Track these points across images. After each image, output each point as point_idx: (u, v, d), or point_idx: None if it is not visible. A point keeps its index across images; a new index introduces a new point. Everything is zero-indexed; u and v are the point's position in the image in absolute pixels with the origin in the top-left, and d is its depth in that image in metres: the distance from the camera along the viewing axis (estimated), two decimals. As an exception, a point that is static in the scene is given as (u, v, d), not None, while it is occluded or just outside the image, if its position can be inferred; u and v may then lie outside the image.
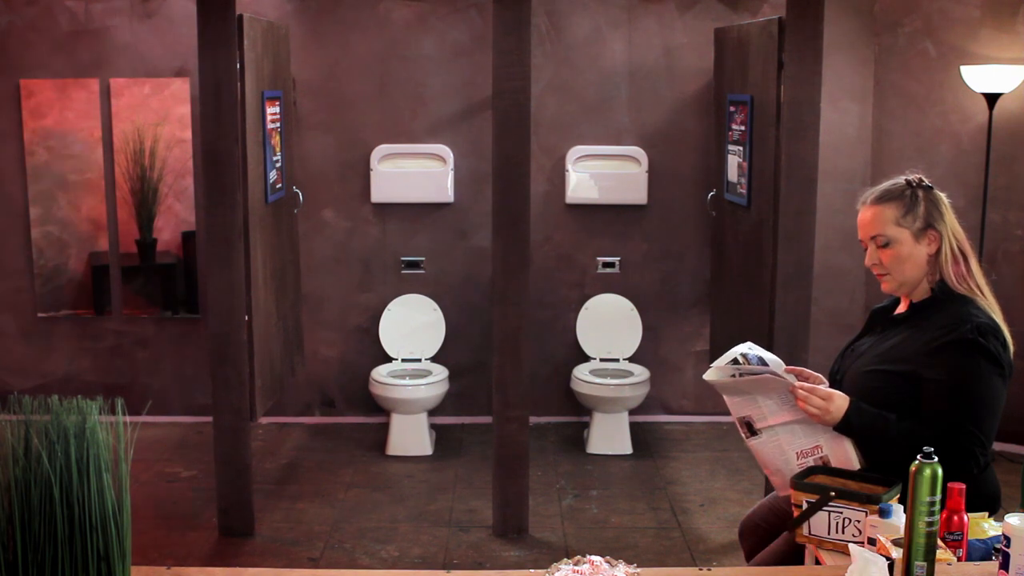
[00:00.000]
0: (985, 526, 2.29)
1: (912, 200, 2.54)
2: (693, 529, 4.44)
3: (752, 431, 2.55)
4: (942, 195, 2.58)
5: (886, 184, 2.60)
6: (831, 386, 2.71)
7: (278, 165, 4.92)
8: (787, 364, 2.59)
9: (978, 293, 2.53)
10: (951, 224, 2.55)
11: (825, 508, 2.28)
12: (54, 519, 1.68)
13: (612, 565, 1.95)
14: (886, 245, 2.55)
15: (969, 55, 5.15)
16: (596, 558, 1.97)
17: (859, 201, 2.63)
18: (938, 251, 2.54)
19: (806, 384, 2.51)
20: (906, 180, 2.57)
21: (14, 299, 5.67)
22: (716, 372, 2.53)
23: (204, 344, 5.36)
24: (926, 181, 2.58)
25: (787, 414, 2.52)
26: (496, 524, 4.38)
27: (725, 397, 2.56)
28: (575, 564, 1.96)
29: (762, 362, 2.50)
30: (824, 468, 2.47)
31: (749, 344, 2.56)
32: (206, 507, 4.58)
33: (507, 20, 4.07)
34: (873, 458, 2.50)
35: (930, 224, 2.53)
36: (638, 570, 1.95)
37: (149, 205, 5.51)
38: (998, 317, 2.51)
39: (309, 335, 5.68)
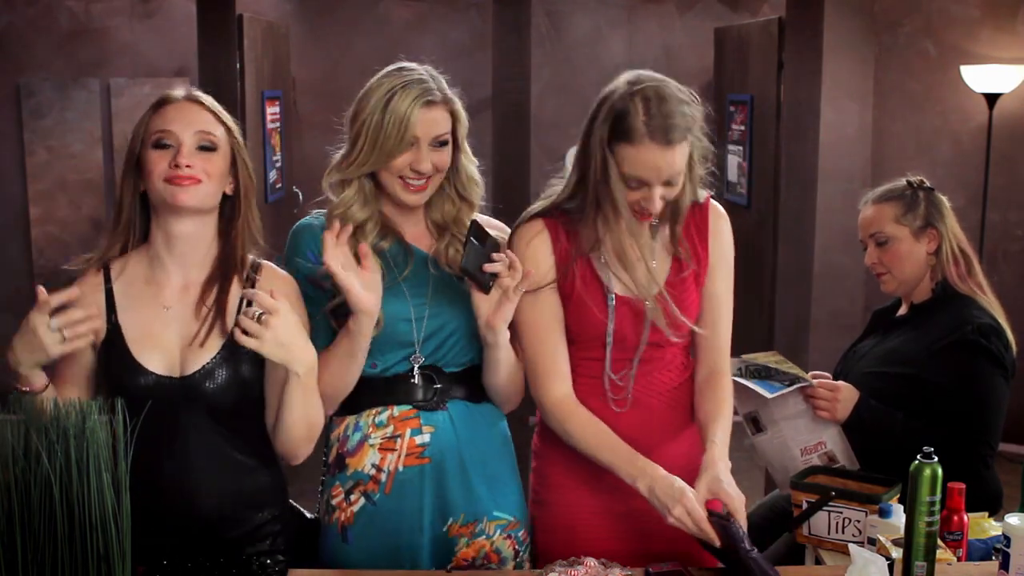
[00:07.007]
0: (985, 526, 2.28)
1: (912, 199, 2.56)
2: (693, 529, 4.43)
3: (758, 427, 2.56)
4: (943, 198, 2.60)
5: (887, 185, 2.63)
6: None
7: (278, 165, 4.91)
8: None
9: (979, 293, 2.54)
10: (951, 225, 2.57)
11: (825, 508, 2.28)
12: (54, 519, 1.67)
13: (607, 566, 1.94)
14: (885, 243, 2.56)
15: (969, 55, 5.15)
16: (591, 559, 1.96)
17: (860, 202, 2.65)
18: (938, 250, 2.55)
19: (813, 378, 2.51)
20: (907, 181, 2.60)
21: (14, 299, 5.66)
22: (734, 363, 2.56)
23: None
24: (927, 183, 2.60)
25: (793, 407, 2.51)
26: (496, 524, 4.36)
27: (735, 389, 2.55)
28: (570, 565, 1.95)
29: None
30: (824, 468, 2.47)
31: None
32: (206, 507, 4.56)
33: (507, 20, 4.07)
34: (874, 457, 2.50)
35: (930, 223, 2.54)
36: (632, 571, 1.94)
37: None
38: (1000, 317, 2.51)
39: (309, 335, 5.67)
